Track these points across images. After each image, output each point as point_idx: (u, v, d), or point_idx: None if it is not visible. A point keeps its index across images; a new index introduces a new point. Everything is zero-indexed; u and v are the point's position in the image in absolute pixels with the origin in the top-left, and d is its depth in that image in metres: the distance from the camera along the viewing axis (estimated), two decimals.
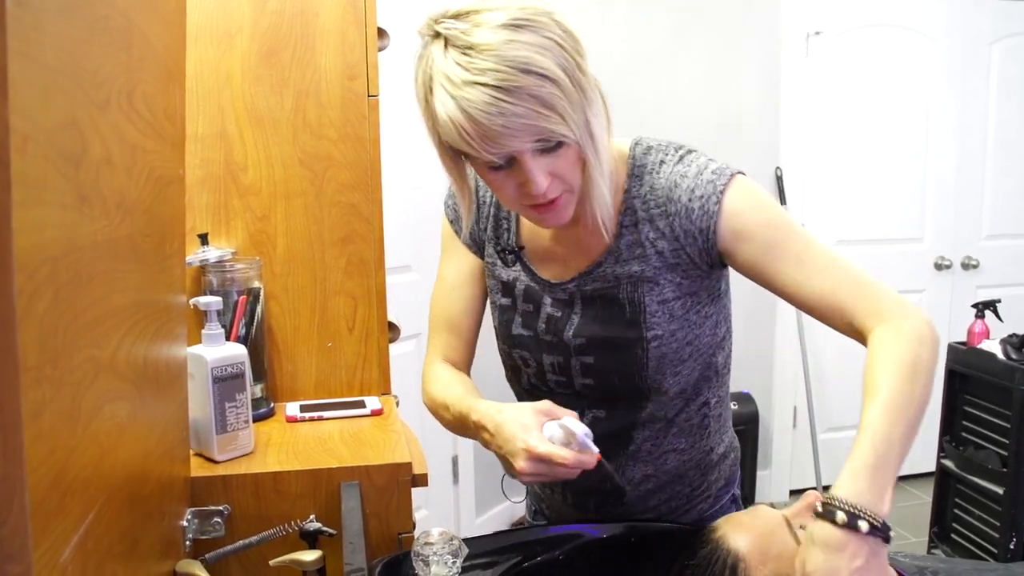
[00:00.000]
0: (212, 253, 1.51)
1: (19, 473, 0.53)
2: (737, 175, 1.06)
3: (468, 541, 1.01)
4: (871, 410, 0.91)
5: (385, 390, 1.66)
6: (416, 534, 1.02)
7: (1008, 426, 2.59)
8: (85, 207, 0.68)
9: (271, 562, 1.05)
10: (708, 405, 1.18)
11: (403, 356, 2.24)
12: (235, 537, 1.15)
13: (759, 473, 3.53)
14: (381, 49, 1.62)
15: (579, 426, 0.95)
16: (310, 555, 1.05)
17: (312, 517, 1.14)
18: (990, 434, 2.69)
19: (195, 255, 1.50)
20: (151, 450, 0.95)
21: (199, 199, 1.55)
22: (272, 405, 1.57)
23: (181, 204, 1.09)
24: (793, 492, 3.65)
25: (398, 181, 2.33)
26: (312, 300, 1.62)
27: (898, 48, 3.46)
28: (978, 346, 2.75)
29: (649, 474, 1.17)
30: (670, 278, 1.08)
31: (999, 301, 2.84)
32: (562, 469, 0.95)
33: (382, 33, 1.63)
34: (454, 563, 0.97)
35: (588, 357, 1.12)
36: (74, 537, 0.65)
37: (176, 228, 1.07)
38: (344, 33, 1.58)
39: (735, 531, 0.97)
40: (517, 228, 1.19)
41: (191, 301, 1.33)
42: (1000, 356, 2.62)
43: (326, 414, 1.52)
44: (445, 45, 0.94)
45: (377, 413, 1.53)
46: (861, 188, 3.51)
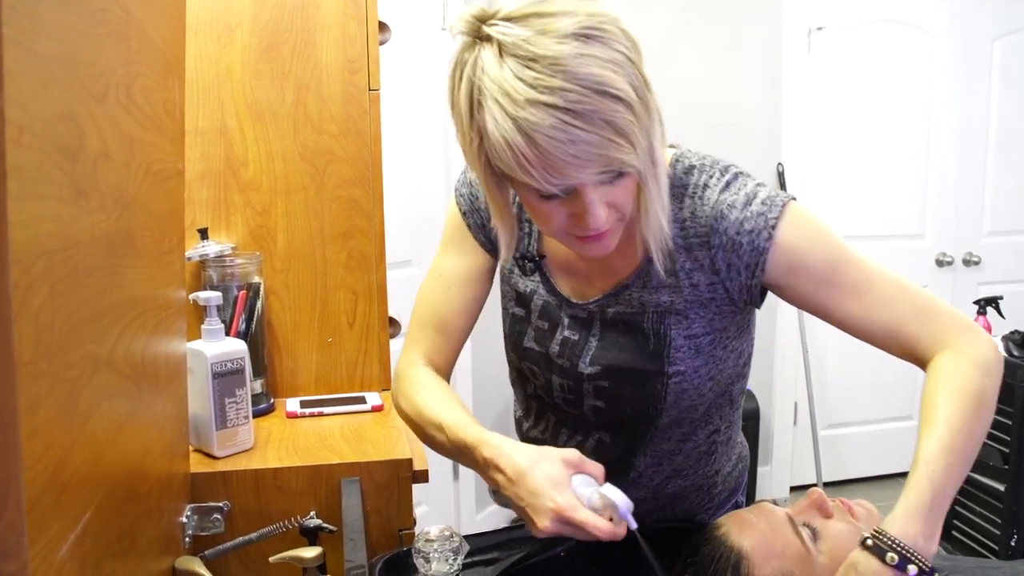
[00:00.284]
0: (212, 248, 1.50)
1: (15, 470, 0.52)
2: (789, 204, 0.96)
3: (469, 538, 1.01)
4: (931, 443, 0.86)
5: (386, 386, 1.65)
6: (417, 531, 1.02)
7: (1010, 423, 2.58)
8: (82, 201, 0.68)
9: (271, 559, 1.05)
10: (718, 432, 1.13)
11: None
12: (235, 534, 1.14)
13: (760, 469, 3.53)
14: (382, 43, 1.61)
15: (622, 498, 0.86)
16: (310, 552, 1.05)
17: (312, 513, 1.13)
18: (992, 431, 2.67)
19: (195, 250, 1.49)
20: (150, 446, 0.94)
21: (199, 194, 1.54)
22: (272, 401, 1.56)
23: (180, 199, 1.08)
24: (794, 488, 3.64)
25: (399, 176, 2.32)
26: (312, 295, 1.61)
27: (900, 44, 3.45)
28: None
29: (647, 497, 1.11)
30: (701, 314, 1.01)
31: (1001, 298, 2.84)
32: (589, 535, 0.86)
33: (383, 27, 1.62)
34: (455, 560, 0.97)
35: (603, 382, 1.05)
36: (71, 534, 0.64)
37: (175, 223, 1.06)
38: (345, 27, 1.57)
39: (738, 529, 0.97)
40: (539, 234, 1.09)
41: (191, 296, 1.32)
42: (1002, 353, 2.61)
43: (326, 410, 1.51)
44: (500, 52, 0.81)
45: (378, 409, 1.52)
46: (862, 184, 3.49)
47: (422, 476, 1.31)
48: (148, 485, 0.93)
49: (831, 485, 3.58)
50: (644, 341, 1.02)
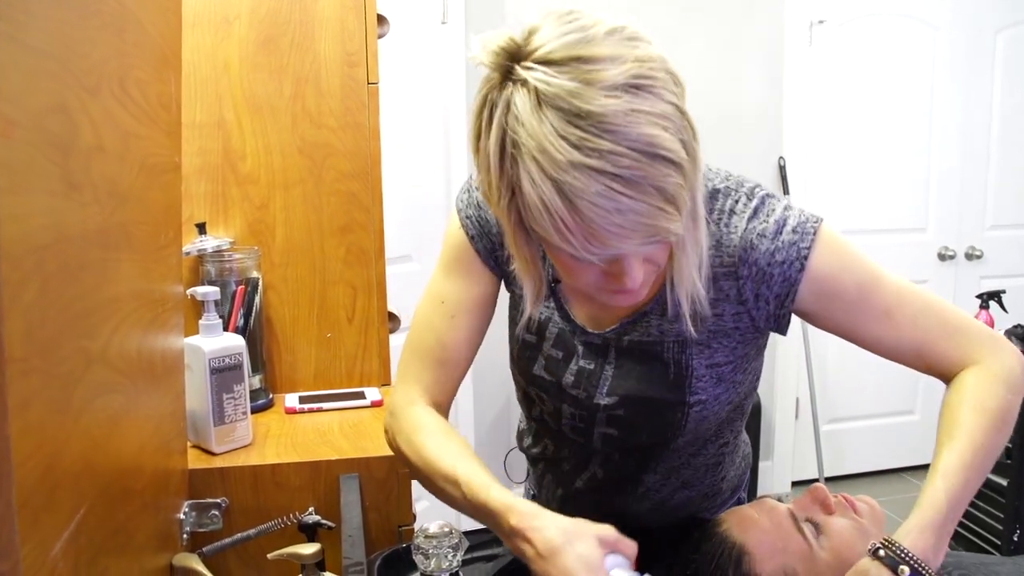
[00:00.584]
0: (210, 242, 1.49)
1: (6, 467, 0.51)
2: (820, 229, 0.92)
3: (469, 534, 1.00)
4: (950, 456, 0.86)
5: (385, 381, 1.64)
6: (416, 527, 1.01)
7: None
8: (75, 195, 0.67)
9: (269, 555, 1.04)
10: (727, 444, 1.11)
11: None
12: (233, 530, 1.14)
13: (761, 464, 3.52)
14: (381, 36, 1.60)
15: None
16: (309, 548, 1.04)
17: (311, 510, 1.13)
18: None
19: (192, 244, 1.48)
20: (146, 443, 0.94)
21: (197, 188, 1.53)
22: (271, 396, 1.55)
23: (177, 192, 1.08)
24: (795, 483, 3.64)
25: (399, 171, 2.31)
26: (311, 290, 1.60)
27: (902, 37, 3.43)
28: None
29: (652, 509, 1.10)
30: (724, 343, 0.97)
31: (1004, 292, 2.83)
32: None
33: (382, 20, 1.61)
34: (454, 556, 0.96)
35: (619, 411, 1.00)
36: (64, 532, 0.63)
37: (172, 217, 1.05)
38: (343, 20, 1.56)
39: (740, 525, 0.96)
40: None
41: (188, 291, 1.32)
42: None
43: (325, 405, 1.51)
44: (539, 102, 0.72)
45: (377, 404, 1.52)
46: (864, 178, 3.48)
47: None
48: (144, 481, 0.92)
49: (833, 480, 3.57)
50: (664, 370, 0.98)
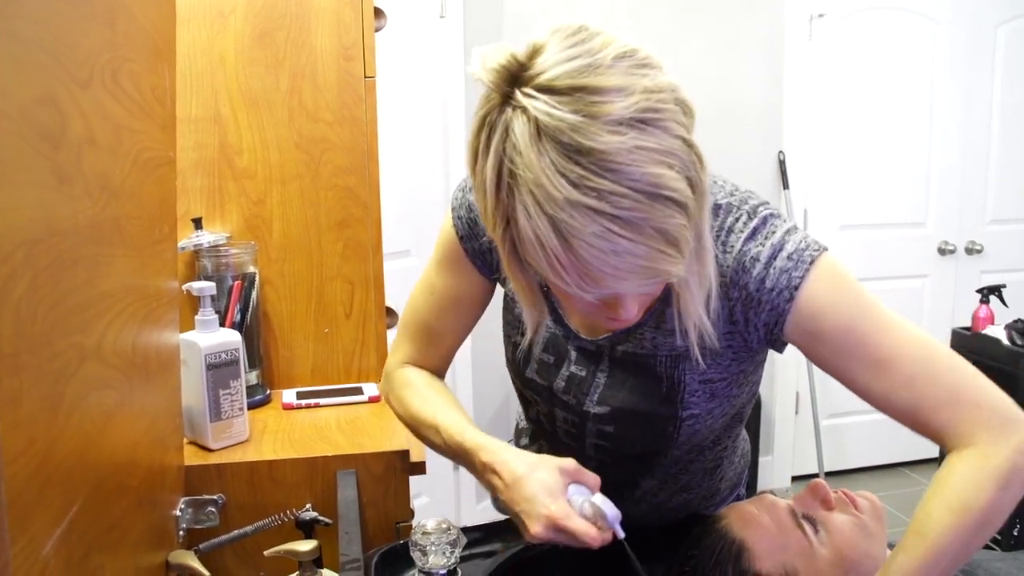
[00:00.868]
0: (206, 238, 1.49)
1: None
2: (819, 260, 0.86)
3: (467, 530, 0.99)
4: (910, 555, 0.81)
5: None
6: (414, 523, 1.00)
7: None
8: (65, 188, 0.66)
9: (266, 552, 1.03)
10: (725, 449, 1.09)
11: None
12: (230, 527, 1.13)
13: (761, 459, 3.52)
14: (377, 29, 1.59)
15: (611, 508, 0.86)
16: (306, 545, 1.03)
17: (308, 506, 1.12)
18: None
19: (189, 240, 1.47)
20: (141, 439, 0.93)
21: (193, 183, 1.53)
22: (268, 392, 1.55)
23: (172, 187, 1.07)
24: (795, 478, 3.63)
25: (396, 166, 2.30)
26: (308, 285, 1.59)
27: (902, 31, 3.42)
28: (983, 331, 2.72)
29: (648, 511, 1.09)
30: (718, 361, 0.93)
31: (1004, 286, 2.82)
32: (580, 542, 0.85)
33: (378, 13, 1.60)
34: (452, 553, 0.95)
35: (608, 427, 0.99)
36: (56, 530, 0.63)
37: (167, 212, 1.05)
38: (339, 13, 1.55)
39: (740, 521, 0.95)
40: None
41: (184, 287, 1.31)
42: (1005, 342, 2.59)
43: (323, 401, 1.50)
44: (538, 132, 0.68)
45: (375, 400, 1.51)
46: (864, 172, 3.47)
47: (419, 468, 1.29)
48: (139, 478, 0.91)
49: (832, 475, 3.57)
50: (656, 384, 0.96)
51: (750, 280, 0.87)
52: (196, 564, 1.02)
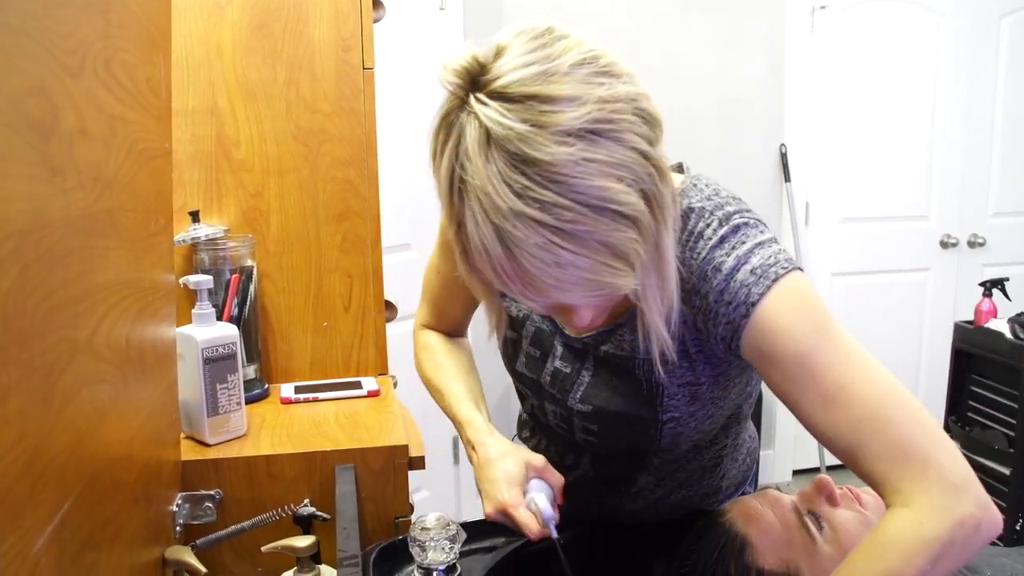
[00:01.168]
0: (203, 231, 1.47)
1: None
2: (784, 279, 0.82)
3: (467, 525, 0.99)
4: None
5: (382, 370, 1.63)
6: (413, 519, 1.00)
7: (1015, 406, 2.56)
8: (57, 179, 0.65)
9: (264, 548, 1.03)
10: (725, 448, 1.08)
11: (401, 336, 2.20)
12: (227, 522, 1.12)
13: (763, 453, 3.52)
14: (376, 20, 1.58)
15: (549, 510, 0.94)
16: (303, 541, 1.03)
17: (306, 501, 1.11)
18: (997, 414, 2.66)
19: (186, 233, 1.46)
20: (136, 434, 0.92)
21: (190, 175, 1.51)
22: (266, 386, 1.54)
23: (167, 179, 1.05)
24: (796, 472, 3.63)
25: (396, 158, 2.29)
26: (307, 278, 1.58)
27: (904, 23, 3.40)
28: (985, 325, 2.71)
29: (646, 508, 1.08)
30: (693, 366, 0.92)
31: (1007, 279, 2.80)
32: (521, 532, 0.94)
33: (377, 3, 1.58)
34: (451, 548, 0.94)
35: (592, 425, 0.99)
36: (48, 527, 0.62)
37: (162, 204, 1.03)
38: (338, 4, 1.53)
39: (743, 517, 0.94)
40: None
41: (181, 280, 1.29)
42: (1008, 335, 2.58)
43: (321, 395, 1.49)
44: (487, 140, 0.68)
45: (374, 394, 1.50)
46: (866, 165, 3.46)
47: (418, 463, 1.28)
48: (135, 473, 0.90)
49: (834, 469, 3.56)
50: (636, 386, 0.95)
51: (710, 290, 0.84)
52: (193, 560, 1.01)
